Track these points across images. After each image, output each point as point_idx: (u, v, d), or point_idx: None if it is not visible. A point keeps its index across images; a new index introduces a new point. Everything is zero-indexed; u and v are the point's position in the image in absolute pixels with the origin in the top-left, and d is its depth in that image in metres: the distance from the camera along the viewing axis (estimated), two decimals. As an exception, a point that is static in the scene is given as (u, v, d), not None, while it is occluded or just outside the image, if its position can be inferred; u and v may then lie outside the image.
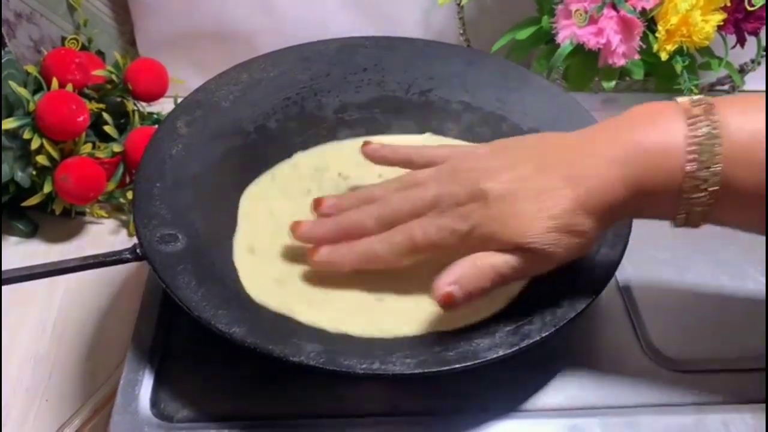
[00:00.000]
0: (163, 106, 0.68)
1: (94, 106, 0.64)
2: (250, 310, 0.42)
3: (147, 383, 0.44)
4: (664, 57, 0.64)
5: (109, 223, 0.66)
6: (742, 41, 0.68)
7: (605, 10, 0.64)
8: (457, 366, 0.40)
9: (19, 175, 0.61)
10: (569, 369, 0.46)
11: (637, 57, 0.66)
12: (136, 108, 0.67)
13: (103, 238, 0.65)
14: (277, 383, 0.44)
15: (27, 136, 0.60)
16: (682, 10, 0.62)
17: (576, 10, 0.64)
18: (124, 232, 0.66)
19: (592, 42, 0.64)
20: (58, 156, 0.61)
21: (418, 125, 0.57)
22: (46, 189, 0.61)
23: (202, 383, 0.45)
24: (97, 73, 0.65)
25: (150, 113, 0.70)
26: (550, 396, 0.45)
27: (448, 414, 0.43)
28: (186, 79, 0.69)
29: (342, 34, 0.62)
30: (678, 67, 0.65)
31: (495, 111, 0.58)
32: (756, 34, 0.68)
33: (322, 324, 0.44)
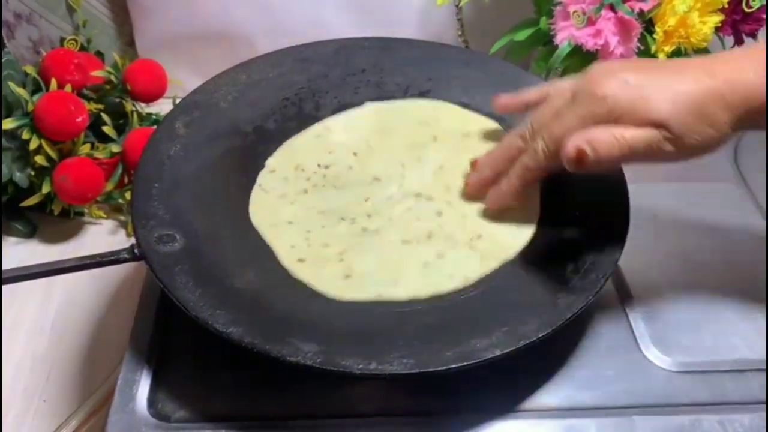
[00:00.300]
0: (162, 107, 0.68)
1: (93, 106, 0.64)
2: (247, 311, 0.42)
3: (144, 383, 0.44)
4: (661, 58, 0.64)
5: (108, 223, 0.67)
6: (739, 43, 0.68)
7: (603, 12, 0.64)
8: (454, 366, 0.40)
9: (17, 175, 0.61)
10: (566, 369, 0.46)
11: (634, 58, 0.66)
12: (134, 109, 0.67)
13: (102, 238, 0.65)
14: (274, 383, 0.44)
15: (26, 136, 0.60)
16: (680, 12, 0.62)
17: (574, 12, 0.64)
18: (122, 233, 0.66)
19: (590, 43, 0.64)
20: (57, 156, 0.61)
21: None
22: (45, 189, 0.61)
23: (199, 383, 0.45)
24: (96, 73, 0.65)
25: (149, 114, 0.70)
26: (547, 396, 0.45)
27: (445, 414, 0.43)
28: (184, 80, 0.69)
29: (340, 36, 0.62)
30: (676, 69, 0.65)
31: (493, 112, 0.58)
32: (754, 35, 0.68)
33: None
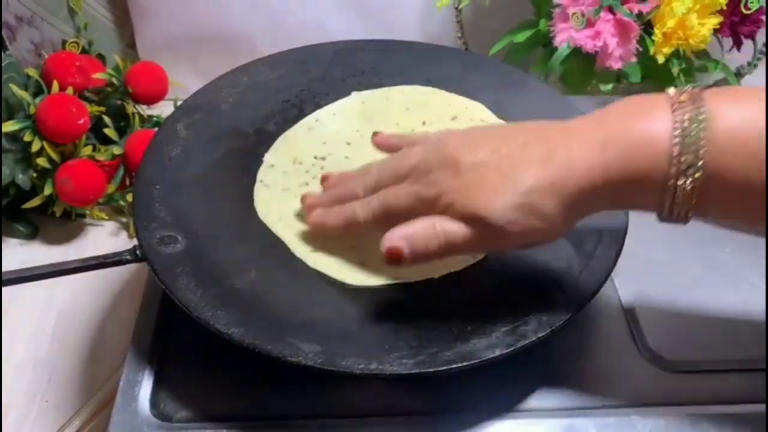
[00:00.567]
0: (163, 109, 0.68)
1: (95, 108, 0.64)
2: (249, 311, 0.42)
3: (147, 384, 0.44)
4: (660, 60, 0.65)
5: (109, 225, 0.67)
6: (738, 44, 0.68)
7: (602, 14, 0.64)
8: (454, 366, 0.40)
9: (19, 177, 0.61)
10: (565, 369, 0.46)
11: (633, 60, 0.66)
12: (136, 111, 0.67)
13: (104, 240, 0.65)
14: (275, 383, 0.44)
15: (28, 138, 0.60)
16: (679, 14, 0.62)
17: (573, 13, 0.65)
18: (124, 235, 0.66)
19: (589, 45, 0.65)
20: (59, 158, 0.61)
21: (416, 128, 0.58)
22: (47, 191, 0.61)
23: (201, 384, 0.45)
24: (98, 76, 0.66)
25: (150, 116, 0.70)
26: (546, 396, 0.45)
27: (445, 414, 0.44)
28: (185, 82, 0.69)
29: (340, 38, 0.62)
30: (675, 70, 0.66)
31: (492, 113, 0.58)
32: (752, 37, 0.68)
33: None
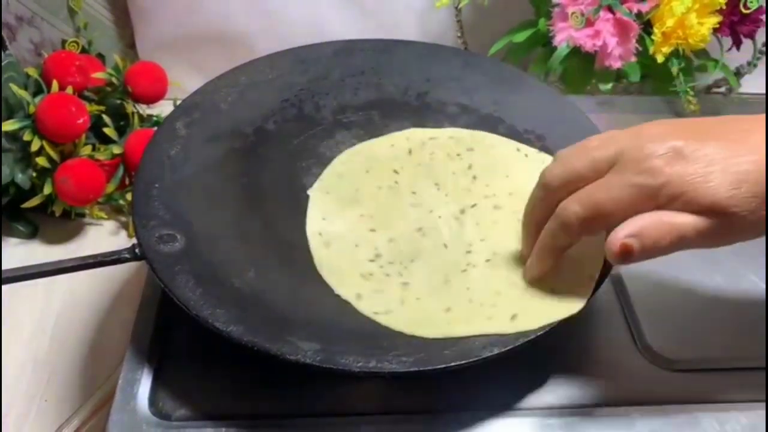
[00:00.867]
0: (163, 109, 0.68)
1: (94, 108, 0.64)
2: (248, 309, 0.42)
3: (146, 382, 0.45)
4: (660, 59, 0.65)
5: (109, 224, 0.67)
6: (737, 44, 0.68)
7: (602, 13, 0.64)
8: (453, 364, 0.40)
9: (19, 176, 0.61)
10: (565, 368, 0.46)
11: (633, 59, 0.66)
12: (135, 110, 0.67)
13: (103, 239, 0.65)
14: (274, 382, 0.44)
15: (27, 138, 0.60)
16: (678, 13, 0.62)
17: (573, 13, 0.65)
18: (123, 234, 0.66)
19: (588, 44, 0.65)
20: (58, 158, 0.61)
21: (415, 127, 0.58)
22: (46, 191, 0.61)
23: (200, 382, 0.45)
24: (97, 75, 0.66)
25: (149, 115, 0.70)
26: (546, 395, 0.45)
27: (444, 412, 0.44)
28: (185, 81, 0.69)
29: (339, 37, 0.62)
30: (674, 70, 0.66)
31: (492, 113, 0.58)
32: (752, 36, 0.68)
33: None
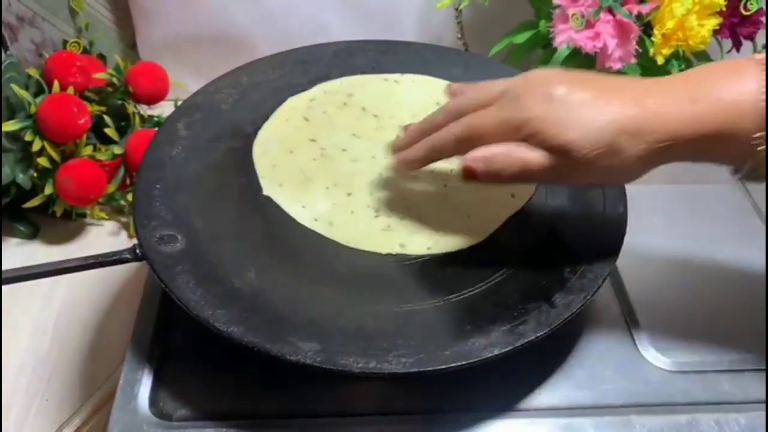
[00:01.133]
0: (164, 109, 0.68)
1: (95, 108, 0.65)
2: (248, 310, 0.42)
3: (146, 382, 0.45)
4: (660, 61, 0.65)
5: (110, 224, 0.67)
6: (737, 45, 0.68)
7: (602, 15, 0.64)
8: (453, 365, 0.40)
9: (20, 177, 0.62)
10: (564, 369, 0.47)
11: (633, 61, 0.66)
12: (136, 111, 0.67)
13: (104, 239, 0.65)
14: (274, 382, 0.45)
15: (28, 138, 0.60)
16: (678, 15, 0.62)
17: (573, 14, 0.65)
18: (124, 234, 0.66)
19: (588, 46, 0.65)
20: (59, 158, 0.62)
21: (415, 128, 0.58)
22: (47, 191, 0.61)
23: (200, 382, 0.45)
24: (98, 75, 0.66)
25: (150, 116, 0.70)
26: (545, 396, 0.45)
27: (443, 413, 0.44)
28: (186, 82, 0.69)
29: (340, 38, 0.63)
30: (674, 71, 0.66)
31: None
32: (751, 38, 0.68)
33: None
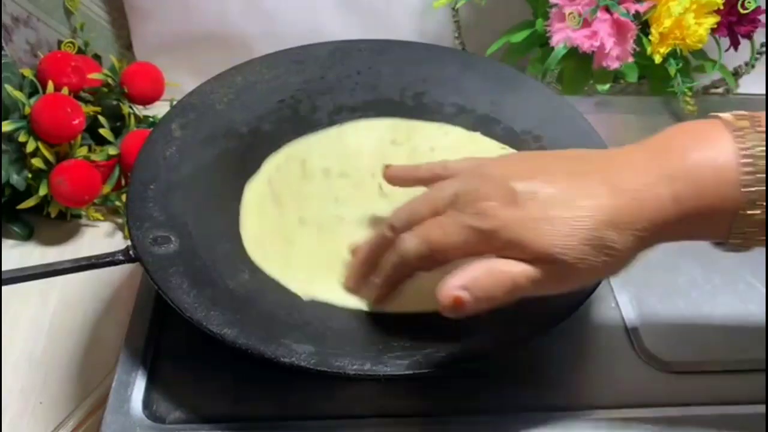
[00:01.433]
0: (159, 110, 0.68)
1: (90, 109, 0.64)
2: (242, 312, 0.42)
3: (140, 384, 0.44)
4: (657, 60, 0.65)
5: (105, 225, 0.66)
6: (735, 44, 0.68)
7: (599, 13, 0.64)
8: (449, 367, 0.40)
9: (14, 178, 0.61)
10: (562, 370, 0.46)
11: (630, 60, 0.66)
12: (131, 111, 0.67)
13: (99, 240, 0.65)
14: (269, 385, 0.44)
15: (22, 139, 0.60)
16: (676, 13, 0.62)
17: (570, 13, 0.64)
18: (119, 235, 0.66)
19: (586, 45, 0.65)
20: (54, 159, 0.61)
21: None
22: (42, 192, 0.61)
23: (194, 385, 0.45)
24: (93, 76, 0.65)
25: (146, 116, 0.70)
26: (542, 397, 0.45)
27: (439, 415, 0.43)
28: (181, 82, 0.69)
29: (336, 38, 0.62)
30: (672, 70, 0.66)
31: (489, 114, 0.58)
32: (749, 37, 0.68)
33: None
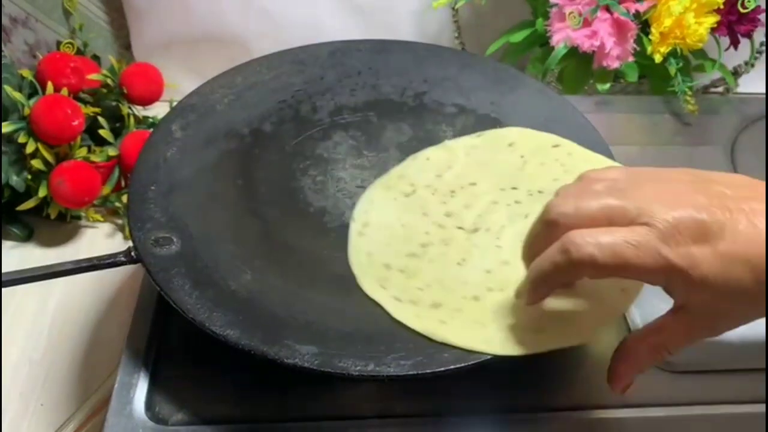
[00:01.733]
0: (158, 111, 0.68)
1: (90, 110, 0.64)
2: (244, 313, 0.42)
3: (142, 386, 0.44)
4: (657, 59, 0.65)
5: (105, 227, 0.66)
6: (735, 43, 0.68)
7: (599, 13, 0.64)
8: (452, 367, 0.40)
9: (14, 179, 0.61)
10: (565, 370, 0.46)
11: (631, 59, 0.66)
12: (131, 112, 0.67)
13: (99, 242, 0.65)
14: (271, 385, 0.44)
15: (22, 140, 0.60)
16: (676, 13, 0.62)
17: (570, 13, 0.64)
18: (119, 236, 0.66)
19: (586, 44, 0.65)
20: (53, 160, 0.61)
21: (412, 128, 0.57)
22: (42, 193, 0.61)
23: (196, 386, 0.45)
24: (93, 77, 0.65)
25: (145, 117, 0.70)
26: (545, 397, 0.45)
27: (443, 415, 0.43)
28: (180, 83, 0.69)
29: (336, 38, 0.62)
30: (672, 70, 0.66)
31: (489, 114, 0.58)
32: (749, 36, 0.68)
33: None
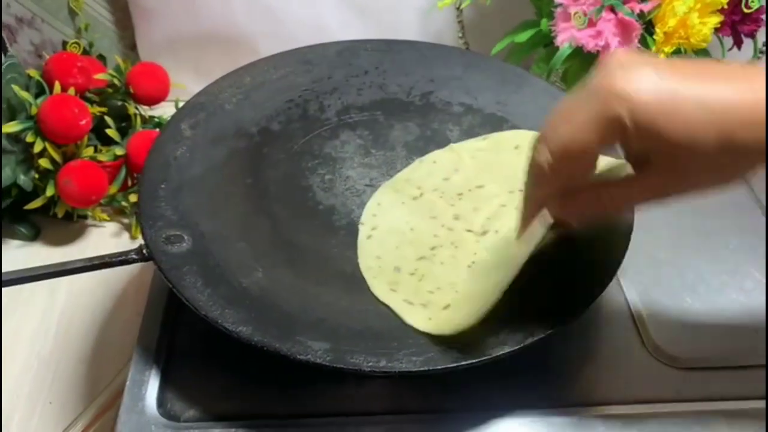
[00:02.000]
0: (164, 110, 0.68)
1: (96, 109, 0.64)
2: (256, 310, 0.42)
3: (153, 383, 0.44)
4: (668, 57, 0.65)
5: (111, 226, 0.67)
6: (738, 43, 0.68)
7: (604, 13, 0.64)
8: (463, 363, 0.40)
9: (21, 178, 0.61)
10: (573, 367, 0.46)
11: (635, 59, 0.66)
12: (137, 111, 0.67)
13: (105, 241, 0.65)
14: (283, 382, 0.44)
15: (29, 139, 0.60)
16: (680, 13, 0.63)
17: (575, 13, 0.65)
18: (126, 235, 0.66)
19: (590, 44, 0.65)
20: (61, 159, 0.61)
21: (419, 127, 0.58)
22: (49, 192, 0.61)
23: (208, 383, 0.45)
24: (99, 76, 0.66)
25: (151, 117, 0.70)
26: (555, 393, 0.45)
27: (453, 411, 0.44)
28: (186, 83, 0.69)
29: (342, 38, 0.62)
30: (676, 69, 0.66)
31: (495, 113, 0.58)
32: (753, 36, 0.68)
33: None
